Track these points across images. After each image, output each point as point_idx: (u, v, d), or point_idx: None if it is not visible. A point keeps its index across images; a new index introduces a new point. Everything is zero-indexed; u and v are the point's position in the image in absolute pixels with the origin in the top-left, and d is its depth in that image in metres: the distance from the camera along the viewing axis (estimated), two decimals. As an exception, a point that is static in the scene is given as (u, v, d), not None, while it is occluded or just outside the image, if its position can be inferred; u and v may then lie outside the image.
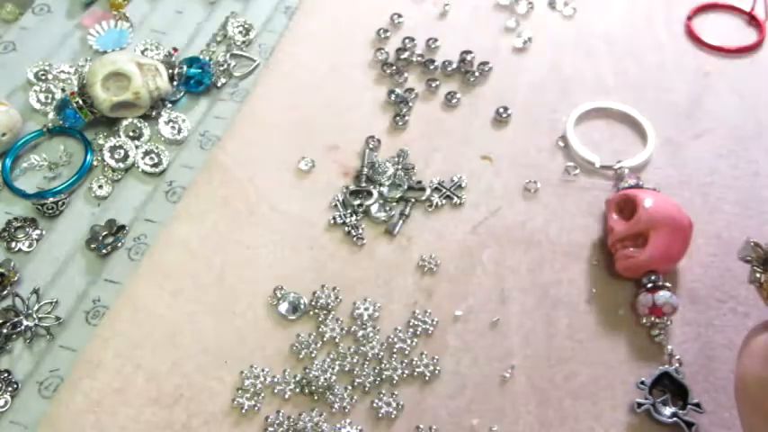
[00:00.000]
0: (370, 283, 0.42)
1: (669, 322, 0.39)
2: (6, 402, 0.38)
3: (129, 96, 0.47)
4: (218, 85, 0.52)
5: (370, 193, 0.46)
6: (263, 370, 0.39)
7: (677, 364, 0.38)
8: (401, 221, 0.45)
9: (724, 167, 0.47)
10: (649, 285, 0.40)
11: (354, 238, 0.44)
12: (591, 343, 0.40)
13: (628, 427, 0.37)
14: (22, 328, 0.41)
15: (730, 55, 0.53)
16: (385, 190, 0.46)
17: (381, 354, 0.39)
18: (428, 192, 0.46)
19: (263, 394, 0.38)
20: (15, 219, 0.45)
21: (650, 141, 0.47)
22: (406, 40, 0.54)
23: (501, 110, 0.50)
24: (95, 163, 0.48)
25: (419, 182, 0.46)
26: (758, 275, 0.34)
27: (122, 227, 0.44)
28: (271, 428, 0.37)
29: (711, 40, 0.54)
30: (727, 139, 0.48)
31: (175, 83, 0.51)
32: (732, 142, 0.48)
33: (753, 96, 0.50)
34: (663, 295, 0.39)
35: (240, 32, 0.55)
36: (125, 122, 0.49)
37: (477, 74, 0.52)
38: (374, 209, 0.45)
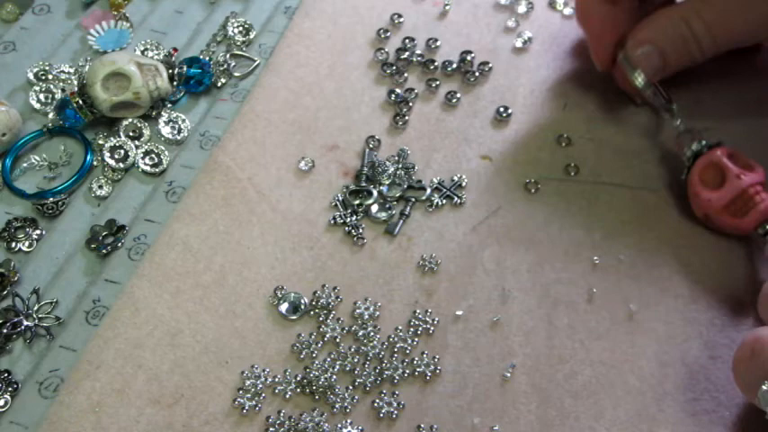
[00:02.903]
0: (370, 283, 0.42)
1: None
2: (6, 402, 0.38)
3: (129, 96, 0.47)
4: (218, 85, 0.52)
5: (370, 193, 0.46)
6: (263, 370, 0.39)
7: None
8: (401, 221, 0.45)
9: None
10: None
11: (354, 238, 0.44)
12: (591, 343, 0.40)
13: (628, 426, 0.37)
14: (22, 328, 0.40)
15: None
16: (385, 189, 0.46)
17: (382, 353, 0.39)
18: (428, 191, 0.46)
19: (263, 394, 0.38)
20: (15, 219, 0.45)
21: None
22: (406, 40, 0.54)
23: (501, 110, 0.50)
24: (95, 163, 0.48)
25: (419, 181, 0.46)
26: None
27: (122, 227, 0.44)
28: (272, 429, 0.37)
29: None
30: (728, 139, 0.48)
31: (175, 83, 0.51)
32: (732, 142, 0.48)
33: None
34: None
35: (240, 32, 0.55)
36: (125, 122, 0.49)
37: (477, 74, 0.52)
38: (374, 209, 0.45)
